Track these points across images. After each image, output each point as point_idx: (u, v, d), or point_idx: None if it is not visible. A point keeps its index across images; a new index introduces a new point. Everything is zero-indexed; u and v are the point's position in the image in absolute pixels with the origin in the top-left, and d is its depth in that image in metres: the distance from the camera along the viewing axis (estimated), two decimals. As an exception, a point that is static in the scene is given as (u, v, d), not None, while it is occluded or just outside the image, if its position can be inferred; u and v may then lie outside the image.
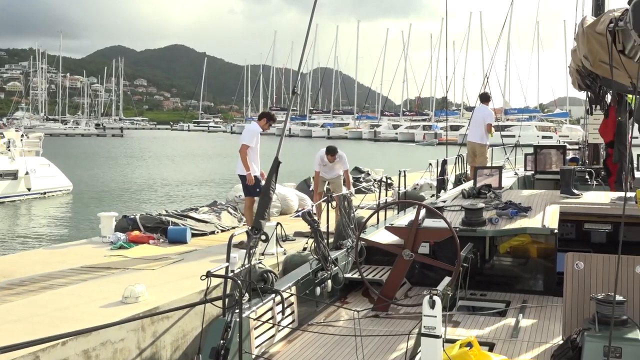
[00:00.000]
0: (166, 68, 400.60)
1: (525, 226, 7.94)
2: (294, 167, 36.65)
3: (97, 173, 40.41)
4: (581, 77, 10.37)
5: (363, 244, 7.89)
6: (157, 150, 70.93)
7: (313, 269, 6.97)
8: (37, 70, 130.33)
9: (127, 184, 34.60)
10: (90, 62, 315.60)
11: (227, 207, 14.64)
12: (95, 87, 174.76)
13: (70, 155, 52.50)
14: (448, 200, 9.94)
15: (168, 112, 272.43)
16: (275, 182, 6.06)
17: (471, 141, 15.30)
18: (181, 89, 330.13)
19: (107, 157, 56.53)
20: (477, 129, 15.18)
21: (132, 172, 42.57)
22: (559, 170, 10.95)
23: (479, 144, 15.17)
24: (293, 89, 7.02)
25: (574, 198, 9.63)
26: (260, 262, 6.07)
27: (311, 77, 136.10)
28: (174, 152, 68.47)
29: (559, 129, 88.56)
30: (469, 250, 7.26)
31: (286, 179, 21.29)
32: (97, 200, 27.25)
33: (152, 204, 25.89)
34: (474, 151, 15.25)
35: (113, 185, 33.42)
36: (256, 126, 11.55)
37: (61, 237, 17.94)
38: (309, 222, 7.04)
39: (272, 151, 6.22)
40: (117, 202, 26.66)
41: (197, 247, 11.52)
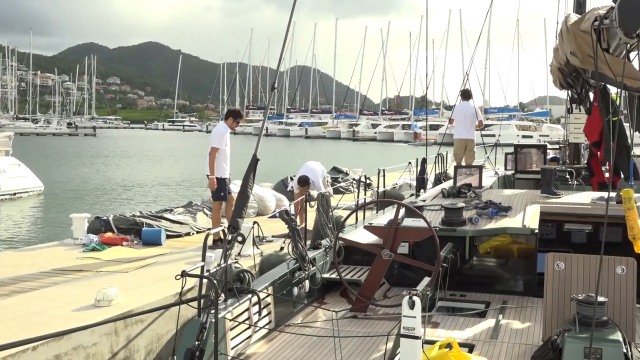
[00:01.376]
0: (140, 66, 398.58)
1: (505, 226, 7.99)
2: (272, 167, 36.62)
3: (69, 173, 40.06)
4: (563, 76, 10.46)
5: (341, 244, 7.89)
6: (131, 150, 70.46)
7: (290, 269, 6.97)
8: (7, 68, 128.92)
9: (100, 184, 34.33)
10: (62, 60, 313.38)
11: (202, 208, 14.60)
12: (67, 85, 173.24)
13: (41, 155, 52.01)
14: (428, 199, 9.98)
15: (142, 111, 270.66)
16: (254, 179, 6.04)
17: (463, 138, 15.53)
18: (155, 88, 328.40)
19: (80, 157, 56.05)
20: (467, 125, 15.42)
21: (105, 172, 42.25)
22: (540, 170, 11.03)
23: (471, 140, 15.56)
24: (273, 85, 7.07)
25: (554, 198, 9.70)
26: (236, 262, 6.05)
27: (288, 76, 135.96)
28: (148, 151, 68.04)
29: (539, 128, 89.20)
30: (448, 250, 7.29)
31: (263, 179, 21.25)
32: (69, 201, 27.01)
33: (125, 205, 25.71)
34: (463, 148, 15.50)
35: (85, 186, 33.14)
36: (224, 127, 11.48)
37: (32, 239, 17.76)
38: (286, 221, 7.04)
39: (249, 150, 6.21)
40: (89, 203, 26.44)
41: (172, 248, 11.48)
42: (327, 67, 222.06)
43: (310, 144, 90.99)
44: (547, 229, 9.03)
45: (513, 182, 14.13)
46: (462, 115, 15.71)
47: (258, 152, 6.13)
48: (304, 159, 45.94)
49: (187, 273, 4.87)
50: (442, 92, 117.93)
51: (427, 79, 19.05)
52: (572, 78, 10.32)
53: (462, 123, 15.67)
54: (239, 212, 5.78)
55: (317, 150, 72.16)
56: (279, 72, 7.43)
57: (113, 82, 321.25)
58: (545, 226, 8.92)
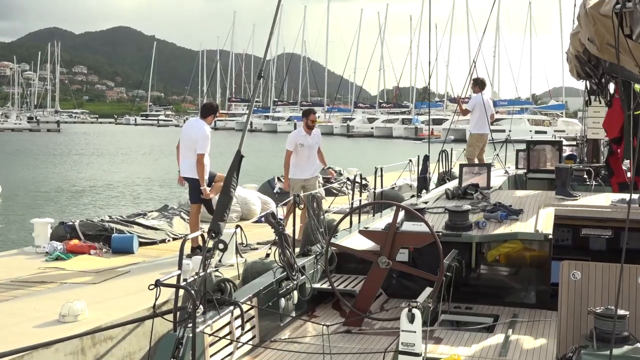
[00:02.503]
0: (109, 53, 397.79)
1: (516, 231, 8.01)
2: (257, 166, 36.64)
3: (30, 173, 39.95)
4: (581, 64, 10.49)
5: (334, 250, 7.91)
6: (99, 147, 70.32)
7: (277, 278, 6.98)
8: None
9: (64, 185, 34.25)
10: (21, 47, 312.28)
11: (179, 212, 14.59)
12: (28, 75, 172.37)
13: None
14: (430, 201, 10.00)
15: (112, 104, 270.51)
16: (237, 178, 6.05)
17: (483, 133, 15.89)
18: (127, 78, 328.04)
19: (42, 155, 55.90)
20: (486, 119, 15.57)
21: (70, 172, 42.16)
22: (554, 169, 11.07)
23: (487, 135, 16.00)
24: (259, 73, 7.03)
25: (570, 200, 9.75)
26: (217, 270, 6.07)
27: (275, 64, 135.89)
28: (119, 149, 67.91)
29: (554, 123, 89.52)
30: (453, 257, 7.31)
31: (247, 180, 21.25)
32: (30, 204, 26.93)
33: (93, 209, 25.67)
34: (482, 143, 15.70)
35: (48, 187, 33.06)
36: (208, 131, 11.40)
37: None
38: (272, 225, 7.05)
39: (231, 147, 6.22)
40: (53, 206, 26.38)
41: (145, 257, 11.46)
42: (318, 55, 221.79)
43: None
44: (562, 235, 9.07)
45: (525, 182, 14.18)
46: (480, 108, 15.75)
47: (242, 149, 6.14)
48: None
49: (162, 282, 4.88)
50: (447, 82, 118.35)
51: (429, 68, 19.16)
52: (591, 67, 10.37)
53: (481, 116, 15.72)
54: (221, 216, 5.79)
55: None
56: (265, 59, 7.42)
57: (79, 72, 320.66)
58: (560, 231, 8.96)
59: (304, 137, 12.65)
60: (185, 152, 11.37)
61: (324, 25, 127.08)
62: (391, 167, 18.29)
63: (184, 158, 11.39)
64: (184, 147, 11.39)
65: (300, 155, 12.57)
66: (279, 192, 18.31)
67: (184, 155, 11.40)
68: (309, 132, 12.67)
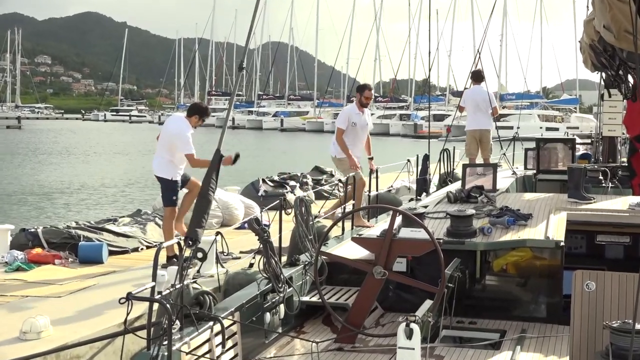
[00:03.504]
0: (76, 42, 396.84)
1: (524, 238, 8.05)
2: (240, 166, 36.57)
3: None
4: (596, 55, 10.53)
5: (324, 260, 7.92)
6: (65, 146, 70.09)
7: (261, 291, 6.98)
8: None
9: (26, 188, 34.12)
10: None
11: (154, 218, 14.58)
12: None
13: (-48, 153, 51.60)
14: (430, 205, 10.02)
15: (79, 98, 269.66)
16: (217, 180, 6.04)
17: (476, 129, 15.74)
18: (95, 69, 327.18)
19: (1, 154, 55.69)
20: (481, 114, 15.60)
21: (33, 173, 42.01)
22: (567, 169, 11.12)
23: (486, 131, 15.90)
24: (240, 64, 7.05)
25: (584, 203, 9.78)
26: (195, 282, 6.06)
27: (260, 54, 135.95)
28: (87, 147, 67.72)
29: (567, 119, 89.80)
30: (455, 267, 7.33)
31: (228, 182, 21.24)
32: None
33: (58, 214, 25.58)
34: (479, 140, 15.70)
35: (8, 190, 32.94)
36: (187, 126, 11.42)
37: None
38: (257, 232, 7.05)
39: (211, 145, 6.21)
40: (13, 211, 26.28)
41: (115, 267, 11.45)
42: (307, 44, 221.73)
43: (287, 138, 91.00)
44: (575, 242, 9.11)
45: (534, 184, 14.24)
46: (472, 102, 15.84)
47: (223, 147, 6.13)
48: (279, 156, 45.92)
49: (134, 296, 4.87)
50: (449, 74, 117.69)
51: (429, 58, 19.15)
52: (607, 57, 10.40)
53: (473, 111, 15.81)
54: (198, 222, 5.77)
55: (296, 145, 72.22)
56: (248, 49, 7.42)
57: (43, 62, 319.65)
58: (573, 238, 8.99)
59: (357, 115, 12.39)
60: (159, 149, 11.38)
61: (314, 11, 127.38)
62: (387, 168, 18.32)
63: (156, 155, 11.41)
64: (159, 143, 11.41)
65: (350, 136, 12.36)
66: (264, 196, 18.33)
67: (157, 152, 11.41)
68: (361, 110, 12.44)
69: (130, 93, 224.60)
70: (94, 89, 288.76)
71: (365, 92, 12.44)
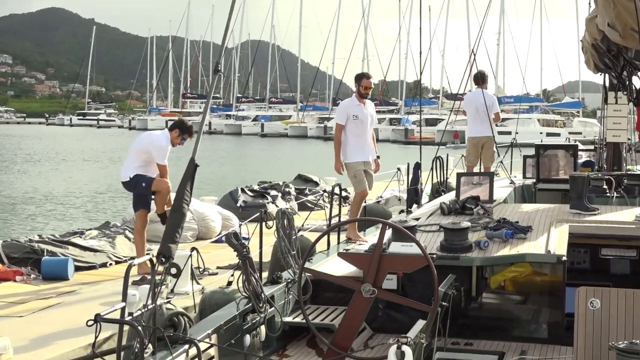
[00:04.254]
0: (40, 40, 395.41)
1: (524, 252, 8.05)
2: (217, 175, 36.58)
3: (-57, 184, 39.63)
4: (599, 55, 10.60)
5: (308, 277, 7.90)
6: (28, 153, 69.86)
7: (241, 311, 6.96)
8: None
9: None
10: None
11: (124, 230, 14.57)
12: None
13: None
14: (422, 217, 10.03)
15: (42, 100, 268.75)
16: (191, 191, 6.03)
17: (477, 136, 15.73)
18: (61, 69, 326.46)
19: (-42, 163, 55.46)
20: (483, 119, 15.58)
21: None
22: (569, 178, 11.15)
23: (488, 137, 15.82)
24: (216, 67, 6.99)
25: (588, 215, 9.81)
26: (169, 302, 6.04)
27: (239, 54, 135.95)
28: (52, 154, 67.54)
29: (569, 124, 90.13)
30: (449, 284, 7.33)
31: (205, 192, 21.23)
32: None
33: (20, 227, 25.46)
34: (477, 149, 15.70)
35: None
36: (166, 140, 11.52)
37: None
38: (235, 248, 7.03)
39: (186, 153, 6.20)
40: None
41: (82, 284, 11.42)
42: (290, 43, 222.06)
43: (268, 144, 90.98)
44: (578, 256, 9.13)
45: (534, 194, 14.27)
46: (472, 107, 15.85)
47: (198, 155, 6.12)
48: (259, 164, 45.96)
49: (103, 317, 4.85)
50: (442, 75, 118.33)
51: (421, 58, 19.12)
52: (611, 57, 10.47)
53: (473, 117, 15.81)
54: (172, 237, 5.75)
55: (278, 152, 72.18)
56: (225, 48, 7.39)
57: (3, 62, 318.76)
58: (577, 252, 9.02)
59: (357, 107, 11.77)
60: (130, 155, 11.47)
61: (297, 7, 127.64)
62: (376, 177, 18.30)
63: (126, 162, 11.52)
64: (132, 149, 11.50)
65: (354, 131, 11.73)
66: (243, 206, 18.32)
67: (128, 158, 11.51)
68: (362, 102, 11.83)
69: (98, 95, 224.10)
70: (59, 91, 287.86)
71: (362, 80, 11.77)
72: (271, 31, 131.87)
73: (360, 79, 11.79)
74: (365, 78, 11.80)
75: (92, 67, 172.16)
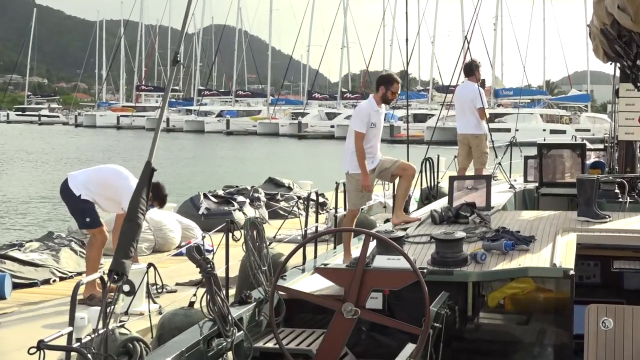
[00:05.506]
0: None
1: (526, 266, 8.08)
2: (177, 179, 36.46)
3: None
4: (608, 42, 10.62)
5: (281, 296, 7.89)
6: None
7: (205, 336, 6.94)
8: None
9: None
10: None
11: (69, 242, 14.48)
12: None
13: None
14: (411, 227, 10.05)
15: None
16: (148, 199, 6.00)
17: (463, 133, 15.70)
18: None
19: None
20: (468, 115, 15.57)
21: None
22: (576, 181, 11.20)
23: (473, 135, 15.70)
24: (175, 57, 6.95)
25: (598, 223, 9.85)
26: (122, 326, 6.01)
27: (201, 40, 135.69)
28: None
29: (576, 120, 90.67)
30: (442, 302, 7.34)
31: (163, 198, 21.13)
32: None
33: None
34: (466, 148, 15.67)
35: None
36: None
37: None
38: (198, 263, 7.01)
39: (141, 154, 6.17)
40: None
41: (22, 304, 11.36)
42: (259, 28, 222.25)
43: (234, 142, 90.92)
44: (587, 270, 9.17)
45: (537, 199, 14.31)
46: (457, 101, 15.90)
47: (155, 157, 6.10)
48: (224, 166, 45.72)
49: (47, 344, 4.83)
50: (432, 65, 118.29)
51: (407, 46, 19.14)
52: (622, 44, 10.51)
53: (460, 112, 15.85)
54: (126, 250, 5.73)
55: (245, 152, 72.10)
56: (185, 34, 7.36)
57: None
58: (586, 265, 9.06)
59: (376, 113, 11.66)
60: (94, 179, 11.60)
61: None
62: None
63: (82, 177, 11.59)
64: (102, 176, 11.66)
65: (370, 142, 11.60)
66: (206, 214, 18.28)
67: (88, 177, 11.61)
68: (380, 107, 11.74)
69: (40, 88, 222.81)
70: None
71: (394, 85, 11.62)
72: (237, 14, 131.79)
73: (390, 83, 11.59)
74: (397, 83, 11.68)
75: (33, 56, 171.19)
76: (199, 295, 7.39)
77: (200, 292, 7.34)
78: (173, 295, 11.18)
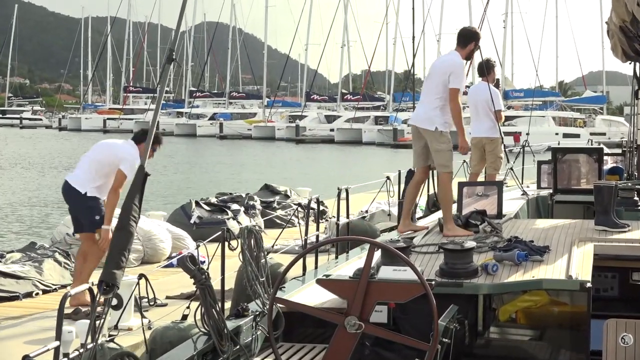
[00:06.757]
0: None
1: (540, 278, 8.08)
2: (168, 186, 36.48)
3: None
4: (628, 40, 10.66)
5: (280, 309, 7.90)
6: None
7: (199, 351, 6.95)
8: None
9: None
10: None
11: (53, 253, 14.47)
12: None
13: None
14: (417, 236, 10.05)
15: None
16: (140, 205, 6.01)
17: (475, 136, 15.67)
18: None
19: None
20: (482, 117, 15.55)
21: None
22: (593, 188, 11.21)
23: (489, 138, 15.68)
24: (169, 54, 6.90)
25: (616, 232, 9.85)
26: (112, 340, 6.02)
27: (192, 38, 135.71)
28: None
29: (591, 123, 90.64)
30: (452, 316, 7.34)
31: (152, 206, 21.18)
32: None
33: None
34: (479, 152, 15.65)
35: None
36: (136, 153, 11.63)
37: None
38: (192, 274, 7.02)
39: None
40: None
41: (3, 318, 11.36)
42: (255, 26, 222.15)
43: (228, 147, 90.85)
44: (605, 282, 9.17)
45: (551, 207, 14.32)
46: (472, 102, 15.87)
47: (147, 161, 6.11)
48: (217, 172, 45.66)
49: (33, 359, 4.83)
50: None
51: (413, 44, 19.18)
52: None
53: (474, 114, 15.81)
54: (117, 260, 5.73)
55: (240, 157, 72.03)
56: (179, 32, 7.37)
57: None
58: (603, 277, 9.06)
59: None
60: (87, 166, 11.55)
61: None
62: (361, 187, 18.35)
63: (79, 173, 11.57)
64: (91, 158, 11.58)
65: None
66: (198, 223, 18.26)
67: (81, 168, 11.58)
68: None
69: (21, 89, 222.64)
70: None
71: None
72: (231, 11, 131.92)
73: (479, 39, 12.09)
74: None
75: (14, 55, 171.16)
76: (192, 308, 7.40)
77: (194, 304, 7.34)
78: (163, 309, 11.17)
